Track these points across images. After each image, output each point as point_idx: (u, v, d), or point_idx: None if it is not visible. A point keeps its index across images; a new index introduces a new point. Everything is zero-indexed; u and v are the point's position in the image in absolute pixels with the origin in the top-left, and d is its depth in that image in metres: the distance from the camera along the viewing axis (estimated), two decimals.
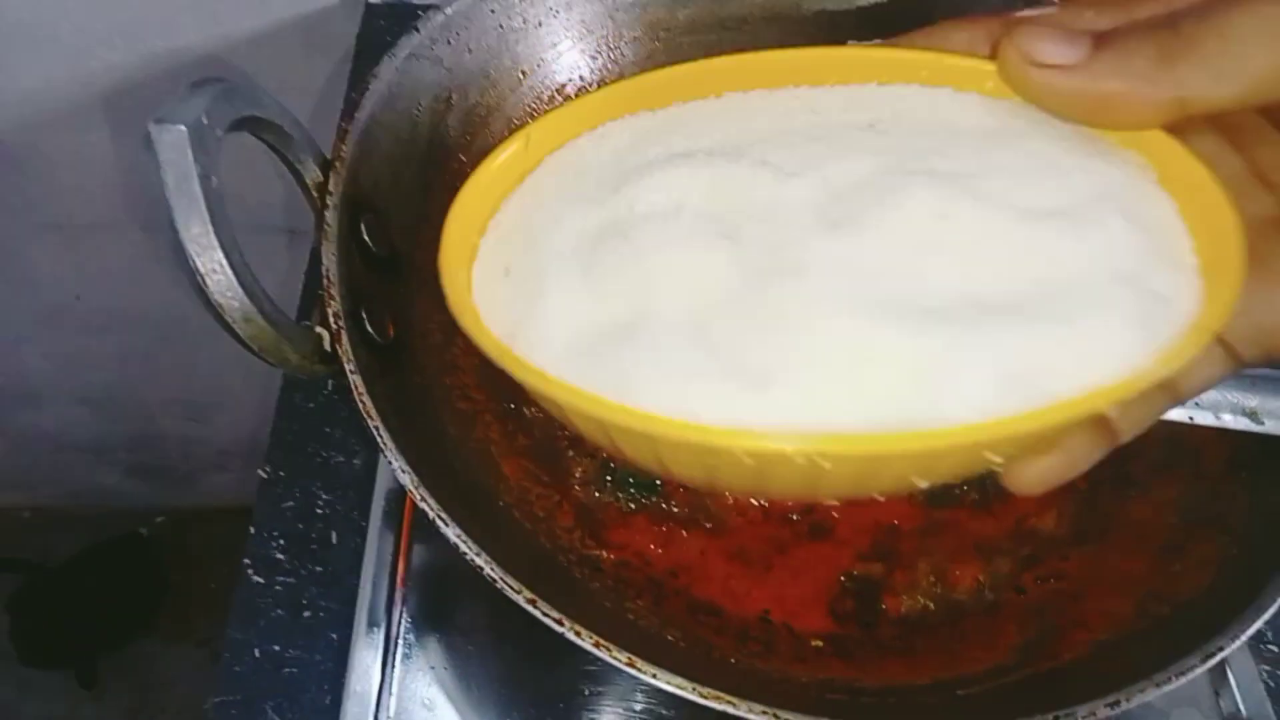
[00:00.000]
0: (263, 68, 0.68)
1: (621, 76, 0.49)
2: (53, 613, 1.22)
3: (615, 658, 0.28)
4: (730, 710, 0.27)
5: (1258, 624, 0.31)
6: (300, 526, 0.46)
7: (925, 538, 0.40)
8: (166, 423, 1.12)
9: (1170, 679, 0.29)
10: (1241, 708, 0.42)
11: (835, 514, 0.40)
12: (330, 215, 0.33)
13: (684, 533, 0.38)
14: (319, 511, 0.47)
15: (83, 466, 1.20)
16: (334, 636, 0.43)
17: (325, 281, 0.32)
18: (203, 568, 1.29)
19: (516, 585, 0.28)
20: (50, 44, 0.66)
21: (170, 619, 1.27)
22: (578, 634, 0.28)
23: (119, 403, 1.08)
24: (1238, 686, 0.43)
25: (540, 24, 0.44)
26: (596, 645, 0.28)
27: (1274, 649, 0.45)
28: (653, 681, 0.28)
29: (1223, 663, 0.43)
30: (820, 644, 0.36)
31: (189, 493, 1.28)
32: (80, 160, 0.75)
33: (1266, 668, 0.45)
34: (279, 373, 0.49)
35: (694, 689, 0.27)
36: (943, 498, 0.41)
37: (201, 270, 0.28)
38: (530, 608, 0.28)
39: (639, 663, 0.28)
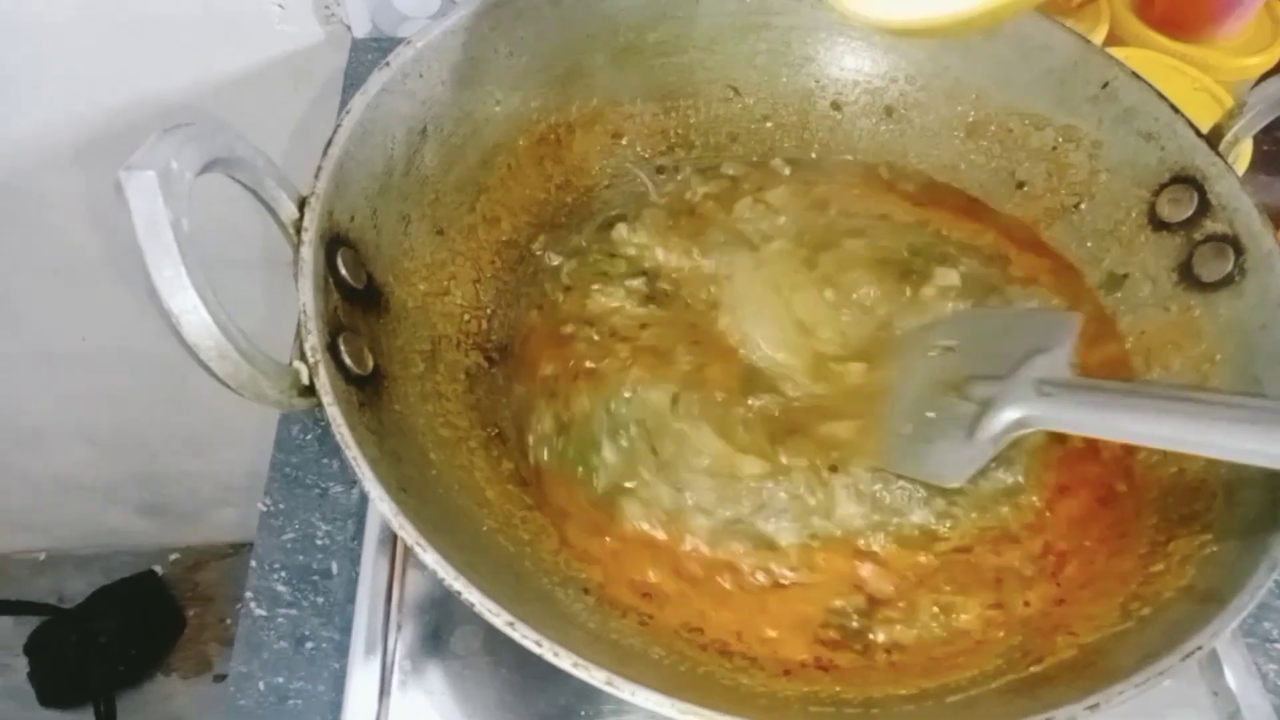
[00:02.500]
0: (252, 105, 0.69)
1: (594, 102, 0.50)
2: (71, 653, 1.23)
3: (594, 677, 0.28)
4: None
5: (1234, 623, 0.31)
6: (301, 558, 0.47)
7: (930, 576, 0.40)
8: (173, 460, 1.13)
9: (1148, 678, 0.29)
10: (1241, 707, 0.42)
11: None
12: (305, 251, 0.34)
13: (663, 551, 0.39)
14: (319, 543, 0.47)
15: (93, 507, 1.21)
16: (336, 667, 0.43)
17: (302, 316, 0.33)
18: (216, 603, 1.30)
19: (495, 608, 0.29)
20: (46, 90, 0.67)
21: (186, 655, 1.28)
22: (556, 655, 0.28)
23: (126, 442, 1.09)
24: (1236, 687, 0.42)
25: (511, 53, 0.45)
26: (575, 666, 0.28)
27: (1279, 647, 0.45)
28: (631, 699, 0.28)
29: (1219, 664, 0.43)
30: (805, 656, 0.36)
31: (199, 529, 1.28)
32: (78, 203, 0.76)
33: (1274, 666, 0.45)
34: None
35: (671, 704, 0.28)
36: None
37: (175, 312, 0.28)
38: (509, 630, 0.29)
39: (617, 681, 0.28)
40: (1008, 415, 0.39)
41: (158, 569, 1.31)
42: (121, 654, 1.23)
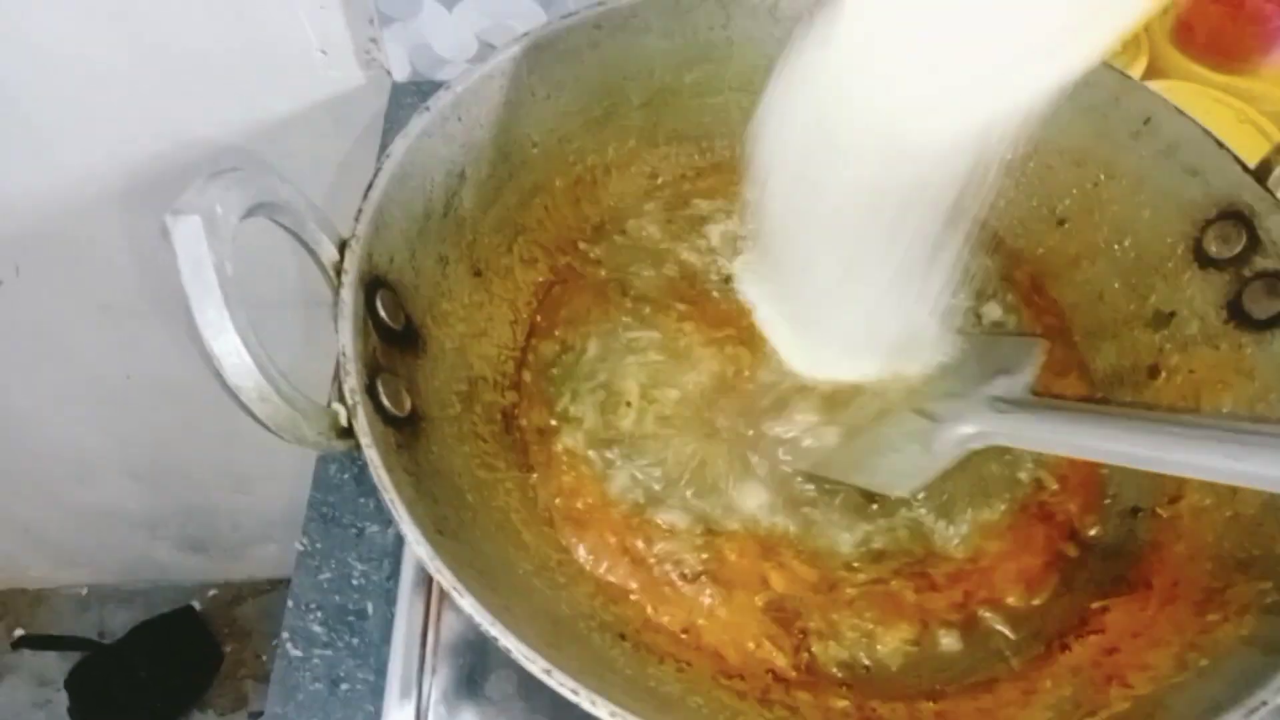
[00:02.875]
0: (295, 147, 0.71)
1: (630, 144, 0.50)
2: (110, 688, 1.24)
3: None
4: None
5: None
6: (337, 598, 0.47)
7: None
8: (216, 496, 1.14)
9: None
10: None
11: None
12: (345, 293, 0.34)
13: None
14: (355, 583, 0.47)
15: (136, 542, 1.22)
16: (370, 709, 0.43)
17: (341, 358, 0.33)
18: (254, 639, 1.30)
19: (531, 655, 0.28)
20: (95, 132, 0.69)
21: (223, 692, 1.28)
22: (593, 703, 0.28)
23: (170, 478, 1.10)
24: None
25: (548, 96, 0.45)
26: (612, 715, 0.28)
27: None
28: None
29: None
30: (846, 704, 0.35)
31: (239, 565, 1.29)
32: (128, 242, 0.78)
33: None
34: None
35: None
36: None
37: (217, 354, 0.28)
38: (546, 678, 0.28)
39: None
40: (963, 429, 0.40)
41: (196, 604, 1.32)
42: (160, 690, 1.24)
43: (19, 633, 1.31)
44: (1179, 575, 0.38)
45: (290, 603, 0.46)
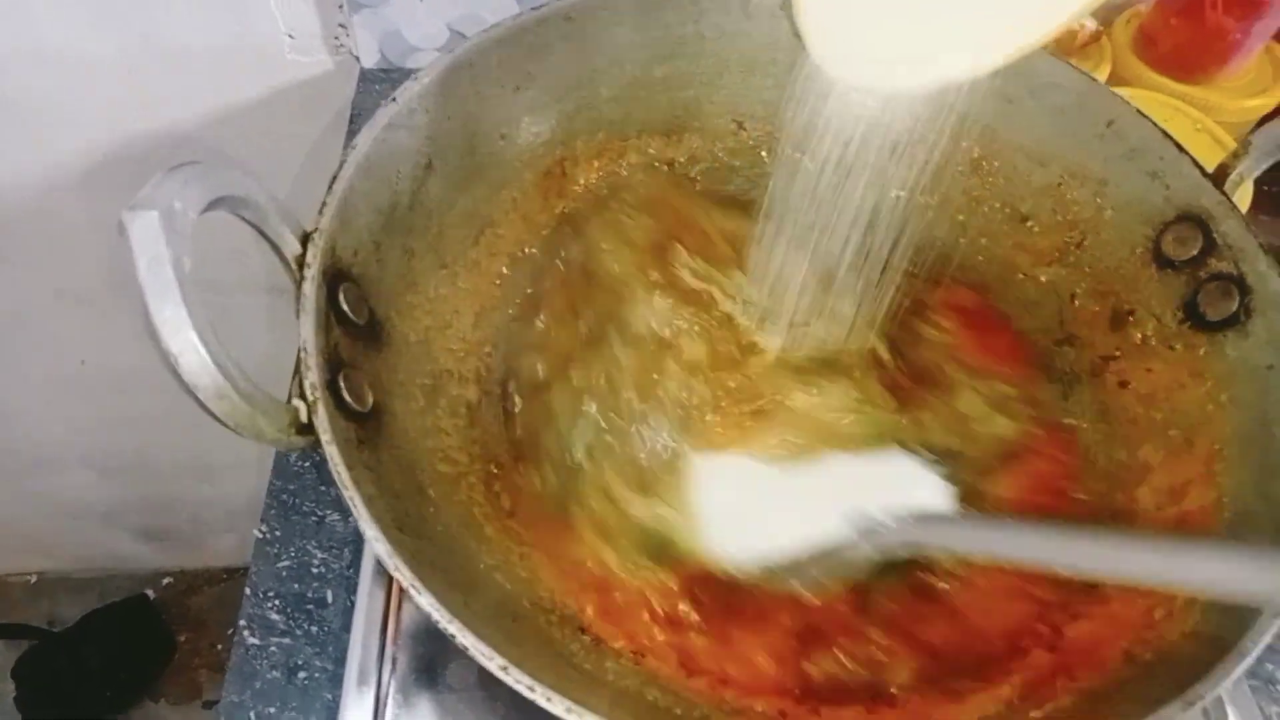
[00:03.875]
0: (263, 133, 0.70)
1: (600, 136, 0.50)
2: (59, 678, 1.21)
3: None
4: None
5: (1240, 669, 0.30)
6: (296, 586, 0.46)
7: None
8: (174, 486, 1.12)
9: None
10: None
11: None
12: (307, 287, 0.34)
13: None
14: (315, 571, 0.47)
15: (92, 530, 1.20)
16: (329, 698, 0.43)
17: (302, 353, 0.32)
18: (208, 629, 1.28)
19: (488, 652, 0.28)
20: (64, 118, 0.68)
21: (176, 681, 1.27)
22: (549, 700, 0.28)
23: (128, 467, 1.08)
24: None
25: (518, 88, 0.45)
26: (569, 711, 0.28)
27: None
28: None
29: (1223, 708, 0.42)
30: (800, 697, 0.36)
31: (196, 554, 1.28)
32: (90, 228, 0.77)
33: (1278, 709, 0.44)
34: None
35: None
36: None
37: (174, 352, 0.28)
38: (503, 675, 0.28)
39: None
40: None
41: (150, 593, 1.30)
42: (111, 679, 1.22)
43: None
44: None
45: (248, 590, 0.46)
